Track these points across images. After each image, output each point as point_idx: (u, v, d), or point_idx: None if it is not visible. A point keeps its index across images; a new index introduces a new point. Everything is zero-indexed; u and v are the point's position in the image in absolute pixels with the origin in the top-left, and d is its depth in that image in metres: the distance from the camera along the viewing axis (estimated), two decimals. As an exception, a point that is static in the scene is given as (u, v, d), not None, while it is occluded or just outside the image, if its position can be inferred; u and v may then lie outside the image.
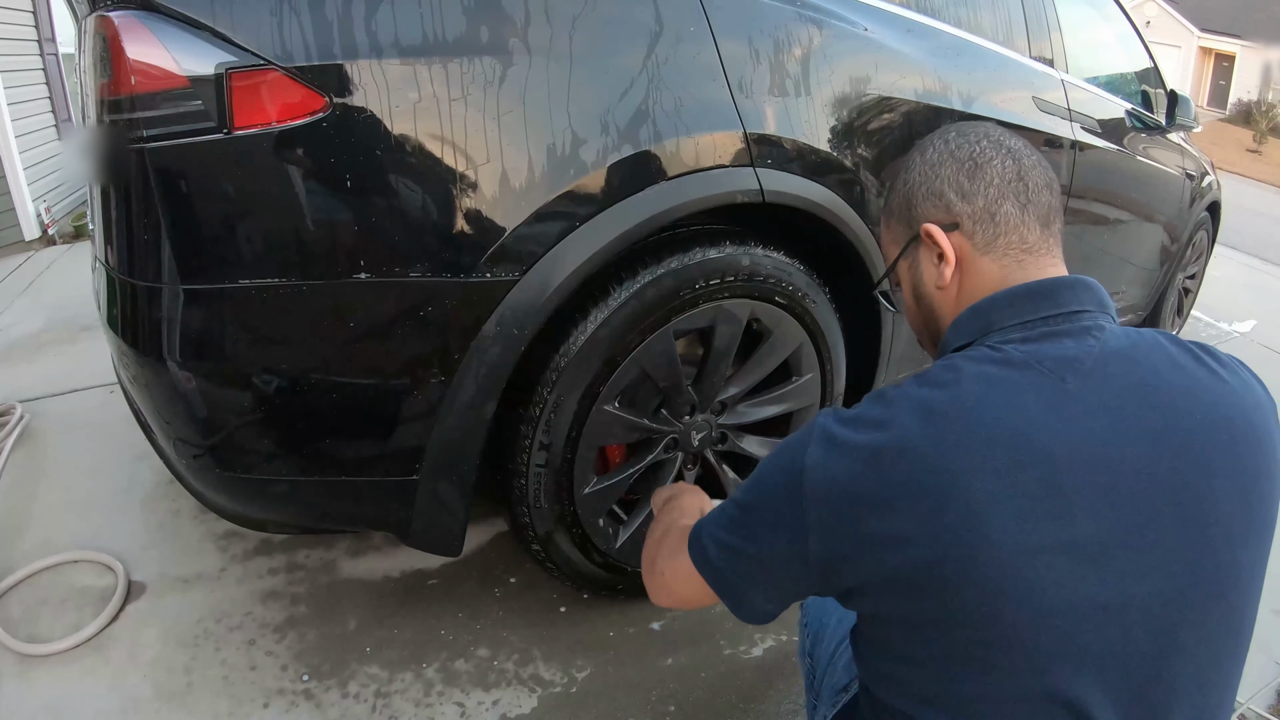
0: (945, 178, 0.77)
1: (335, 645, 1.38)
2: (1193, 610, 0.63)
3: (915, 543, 0.63)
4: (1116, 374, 0.66)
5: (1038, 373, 0.66)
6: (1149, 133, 2.25)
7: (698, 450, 1.48)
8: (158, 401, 1.10)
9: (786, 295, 1.39)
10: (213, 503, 1.27)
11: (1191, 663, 0.63)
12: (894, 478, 0.64)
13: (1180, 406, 0.65)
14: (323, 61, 0.96)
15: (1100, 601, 0.61)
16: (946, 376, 0.68)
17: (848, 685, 0.97)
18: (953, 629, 0.63)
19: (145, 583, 1.44)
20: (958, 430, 0.64)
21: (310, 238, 1.01)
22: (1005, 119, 1.69)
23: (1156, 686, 0.63)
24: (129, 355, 1.09)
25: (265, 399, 1.07)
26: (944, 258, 0.77)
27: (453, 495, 1.21)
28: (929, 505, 0.62)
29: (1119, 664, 0.62)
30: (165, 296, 1.02)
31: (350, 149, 0.99)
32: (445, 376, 1.11)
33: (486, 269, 1.08)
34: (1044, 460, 0.62)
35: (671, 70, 1.15)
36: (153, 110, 0.94)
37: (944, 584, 0.62)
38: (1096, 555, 0.61)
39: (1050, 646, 0.61)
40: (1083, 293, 0.72)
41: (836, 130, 1.35)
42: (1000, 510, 0.61)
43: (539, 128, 1.06)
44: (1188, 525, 0.62)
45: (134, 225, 1.00)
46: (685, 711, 1.35)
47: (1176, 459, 0.63)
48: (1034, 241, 0.75)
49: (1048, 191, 0.76)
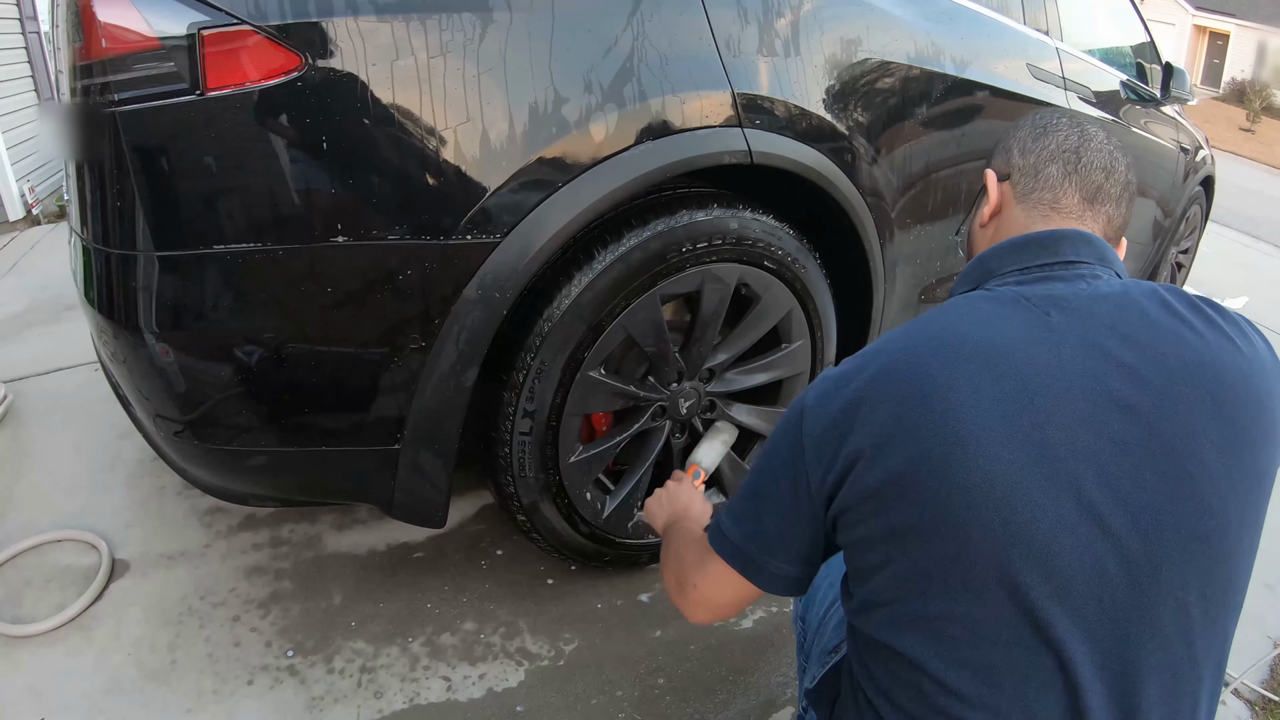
0: (1018, 137, 0.84)
1: (320, 620, 1.36)
2: (1174, 549, 0.61)
3: (893, 446, 0.64)
4: (1102, 313, 0.66)
5: (1023, 306, 0.68)
6: (1143, 104, 2.23)
7: (685, 418, 1.46)
8: (136, 376, 1.07)
9: (776, 260, 1.36)
10: (194, 477, 1.25)
11: (1175, 606, 0.61)
12: (876, 389, 0.67)
13: (1165, 350, 0.64)
14: (297, 20, 0.93)
15: (1071, 524, 0.61)
16: (937, 310, 0.72)
17: (837, 646, 0.95)
18: (927, 541, 0.63)
19: (129, 561, 1.42)
20: (937, 344, 0.67)
21: (286, 201, 0.98)
22: (999, 85, 1.66)
23: (1134, 623, 0.61)
24: (106, 330, 1.06)
25: (243, 368, 1.04)
26: (988, 199, 0.84)
27: (435, 465, 1.19)
28: (906, 408, 0.65)
29: (1093, 595, 0.60)
30: (140, 264, 0.99)
31: (326, 109, 0.96)
32: (425, 343, 1.09)
33: (467, 231, 1.05)
34: (1020, 379, 0.63)
35: (657, 27, 1.11)
36: (124, 73, 0.92)
37: (919, 489, 0.63)
38: (1069, 480, 0.61)
39: (1020, 567, 0.60)
40: (1081, 245, 0.73)
41: (827, 92, 1.33)
42: (975, 417, 0.62)
43: (520, 86, 1.03)
44: (1167, 463, 0.61)
45: (107, 192, 0.97)
46: (675, 684, 1.34)
47: (1158, 398, 0.63)
48: (1067, 205, 0.78)
49: (1103, 174, 0.79)
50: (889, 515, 0.65)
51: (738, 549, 0.78)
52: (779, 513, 0.74)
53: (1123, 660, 0.61)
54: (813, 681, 0.95)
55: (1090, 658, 0.60)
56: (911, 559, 0.65)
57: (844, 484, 0.68)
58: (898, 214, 1.52)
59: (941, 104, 1.52)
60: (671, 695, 1.32)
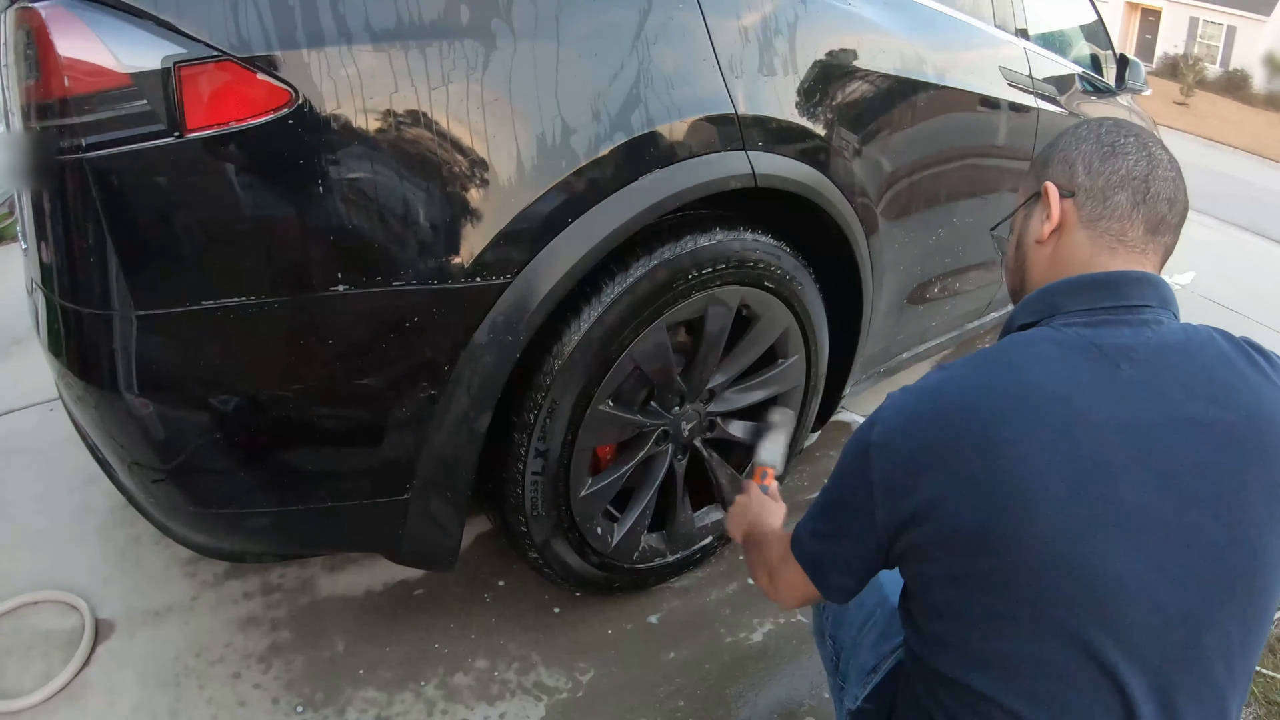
0: (1083, 152, 0.81)
1: (326, 670, 1.31)
2: (1225, 591, 0.67)
3: (968, 502, 0.67)
4: (1169, 365, 0.69)
5: (1093, 356, 0.70)
6: (1100, 96, 2.28)
7: (687, 440, 1.44)
8: (114, 435, 1.00)
9: (775, 279, 1.35)
10: (178, 535, 1.18)
11: (1222, 637, 0.68)
12: (947, 436, 0.69)
13: (1225, 401, 0.68)
14: (285, 50, 0.86)
15: (1136, 574, 0.65)
16: (1004, 349, 0.74)
17: (876, 666, 0.97)
18: (1001, 589, 0.68)
19: (113, 620, 1.33)
20: (1011, 393, 0.69)
21: (280, 249, 0.92)
22: (977, 90, 1.67)
23: (1185, 652, 0.67)
24: (78, 386, 0.98)
25: (239, 430, 0.98)
26: (1049, 216, 0.81)
27: (446, 512, 1.15)
28: (981, 464, 0.67)
29: (1152, 635, 0.66)
30: (117, 324, 0.91)
31: (320, 147, 0.90)
32: (435, 390, 1.04)
33: (475, 273, 1.00)
34: (1093, 433, 0.66)
35: (661, 51, 1.08)
36: (91, 114, 0.83)
37: (995, 542, 0.67)
38: (1138, 530, 0.66)
39: (1089, 617, 0.65)
40: (1146, 288, 0.75)
41: (823, 109, 1.31)
42: (1050, 473, 0.65)
43: (526, 117, 0.98)
44: (1224, 512, 0.66)
45: (76, 247, 0.89)
46: (695, 705, 1.34)
47: (1219, 451, 0.67)
48: (1133, 238, 0.78)
49: (1167, 205, 0.79)
50: (962, 561, 0.70)
51: (814, 561, 0.85)
52: (846, 535, 0.79)
53: (1172, 684, 0.67)
54: (856, 702, 0.97)
55: (1145, 685, 0.67)
56: (984, 603, 0.70)
57: (914, 526, 0.71)
58: (886, 225, 1.52)
59: (926, 115, 1.52)
60: (694, 717, 1.32)
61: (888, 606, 1.01)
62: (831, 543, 0.82)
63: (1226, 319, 3.65)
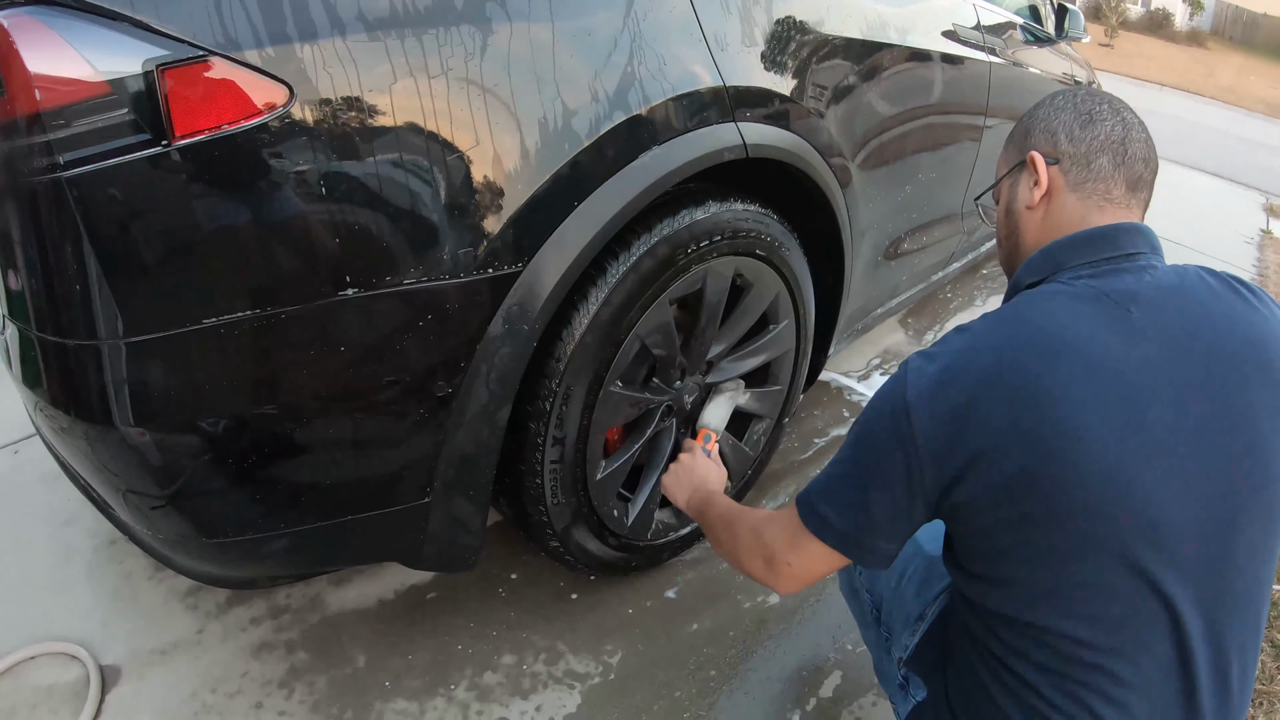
0: (1062, 121, 0.88)
1: (350, 688, 1.28)
2: (1247, 500, 0.73)
3: (1016, 446, 0.71)
4: (1171, 305, 0.76)
5: (1106, 304, 0.76)
6: (1040, 44, 2.36)
7: (691, 413, 1.45)
8: (109, 467, 0.94)
9: (765, 247, 1.36)
10: (186, 567, 1.12)
11: (1246, 542, 0.74)
12: (988, 392, 0.73)
13: (1222, 330, 0.75)
14: (276, 45, 0.81)
15: (1175, 495, 0.71)
16: (1023, 307, 0.78)
17: (922, 614, 1.01)
18: (1057, 525, 0.72)
19: (119, 665, 1.26)
20: (1041, 346, 0.73)
21: (284, 258, 0.87)
22: (935, 48, 1.71)
23: (1220, 562, 0.73)
24: (62, 419, 0.92)
25: (250, 452, 0.93)
26: (1038, 183, 0.88)
27: (469, 511, 1.13)
28: (1024, 412, 0.71)
29: (1192, 549, 0.72)
30: (106, 355, 0.85)
31: (319, 147, 0.85)
32: (453, 388, 1.02)
33: (487, 265, 0.98)
34: (1117, 373, 0.72)
35: (652, 26, 1.06)
36: (68, 129, 0.76)
37: (1046, 483, 0.71)
38: (1167, 452, 0.71)
39: (1136, 537, 0.71)
40: (1138, 237, 0.82)
41: (801, 75, 1.32)
42: (1088, 413, 0.70)
43: (528, 101, 0.96)
44: (1235, 430, 0.72)
45: (54, 274, 0.82)
46: (726, 673, 1.36)
47: (1224, 377, 0.73)
48: (1117, 196, 0.85)
49: (1143, 164, 0.86)
50: (1014, 507, 0.73)
51: (845, 536, 0.84)
52: (889, 502, 0.80)
53: (1211, 590, 0.73)
54: (906, 650, 0.99)
55: (1189, 595, 0.72)
56: (1036, 542, 0.74)
57: (965, 479, 0.75)
58: (861, 184, 1.55)
59: (896, 76, 1.55)
60: (728, 685, 1.34)
61: (924, 555, 1.04)
62: (868, 513, 0.81)
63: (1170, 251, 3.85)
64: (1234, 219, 5.03)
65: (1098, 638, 0.73)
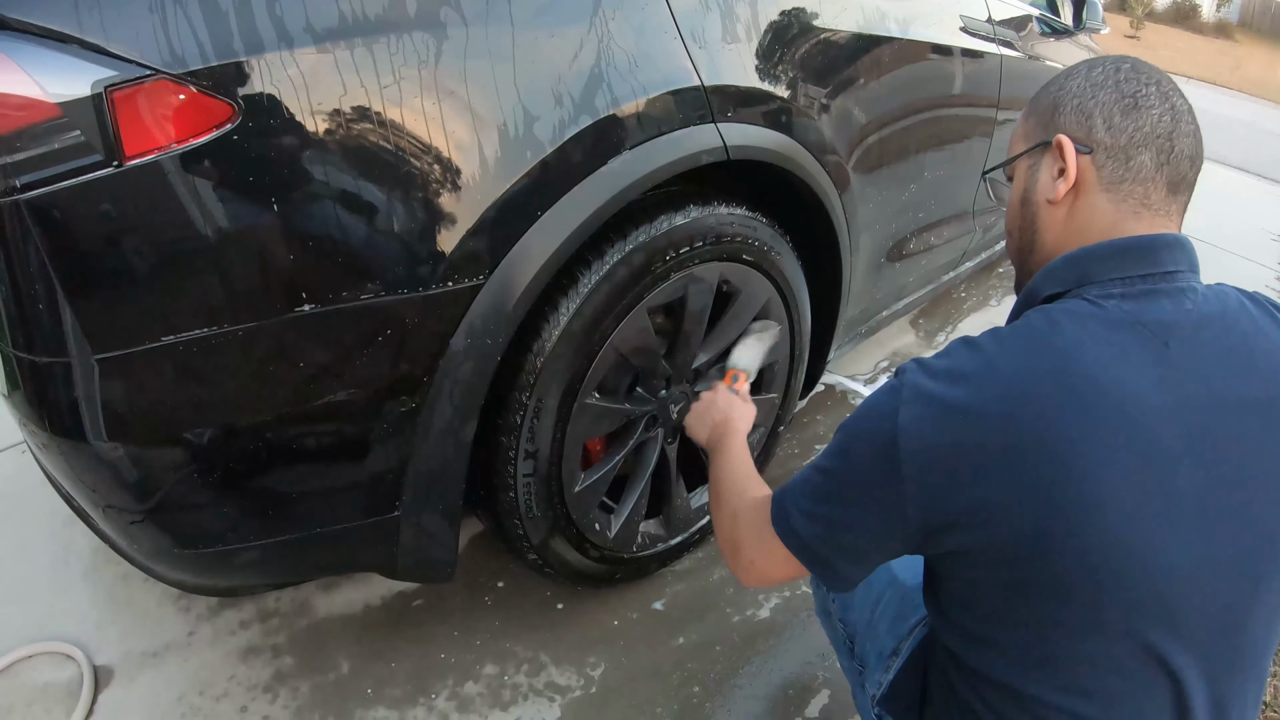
0: (1101, 102, 0.74)
1: (333, 693, 1.28)
2: (1270, 566, 0.66)
3: (1026, 507, 0.62)
4: (1210, 340, 0.67)
5: (1141, 335, 0.66)
6: (1058, 36, 2.27)
7: (677, 423, 1.42)
8: (86, 481, 0.95)
9: (753, 252, 1.33)
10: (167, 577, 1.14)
11: (1265, 606, 0.67)
12: (999, 439, 0.63)
13: (1265, 372, 0.67)
14: (222, 61, 0.81)
15: (1195, 567, 0.64)
16: (1047, 331, 0.67)
17: (896, 649, 0.96)
18: (1060, 592, 0.64)
19: (111, 666, 1.28)
20: (1065, 385, 0.63)
21: (239, 274, 0.87)
22: (940, 40, 1.64)
23: (1237, 633, 0.66)
24: (41, 435, 0.93)
25: (218, 465, 0.94)
26: (1065, 173, 0.74)
27: (439, 525, 1.12)
28: (1042, 467, 0.62)
29: (1207, 623, 0.65)
30: (77, 372, 0.86)
31: (269, 162, 0.84)
32: (416, 404, 1.01)
33: (447, 277, 0.96)
34: (1149, 423, 0.63)
35: (621, 25, 1.03)
36: (22, 152, 0.77)
37: (1054, 546, 0.63)
38: (1194, 516, 0.63)
39: (1151, 607, 0.63)
40: (1178, 252, 0.70)
41: (788, 72, 1.27)
42: (1112, 473, 0.62)
43: (485, 107, 0.94)
44: (1272, 486, 0.65)
45: (20, 295, 0.83)
46: (710, 689, 1.34)
47: (1264, 425, 0.66)
48: (1156, 200, 0.72)
49: (1189, 164, 0.73)
50: (1015, 569, 0.65)
51: (808, 548, 0.76)
52: (862, 528, 0.72)
53: (1220, 660, 0.67)
54: (880, 688, 0.95)
55: (1198, 668, 0.66)
56: (1037, 609, 0.66)
57: (959, 527, 0.66)
58: (861, 186, 1.50)
59: (896, 71, 1.49)
60: (710, 702, 1.31)
61: (899, 586, 1.00)
62: (837, 532, 0.74)
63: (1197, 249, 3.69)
64: (1261, 216, 4.78)
65: (1092, 711, 0.67)
